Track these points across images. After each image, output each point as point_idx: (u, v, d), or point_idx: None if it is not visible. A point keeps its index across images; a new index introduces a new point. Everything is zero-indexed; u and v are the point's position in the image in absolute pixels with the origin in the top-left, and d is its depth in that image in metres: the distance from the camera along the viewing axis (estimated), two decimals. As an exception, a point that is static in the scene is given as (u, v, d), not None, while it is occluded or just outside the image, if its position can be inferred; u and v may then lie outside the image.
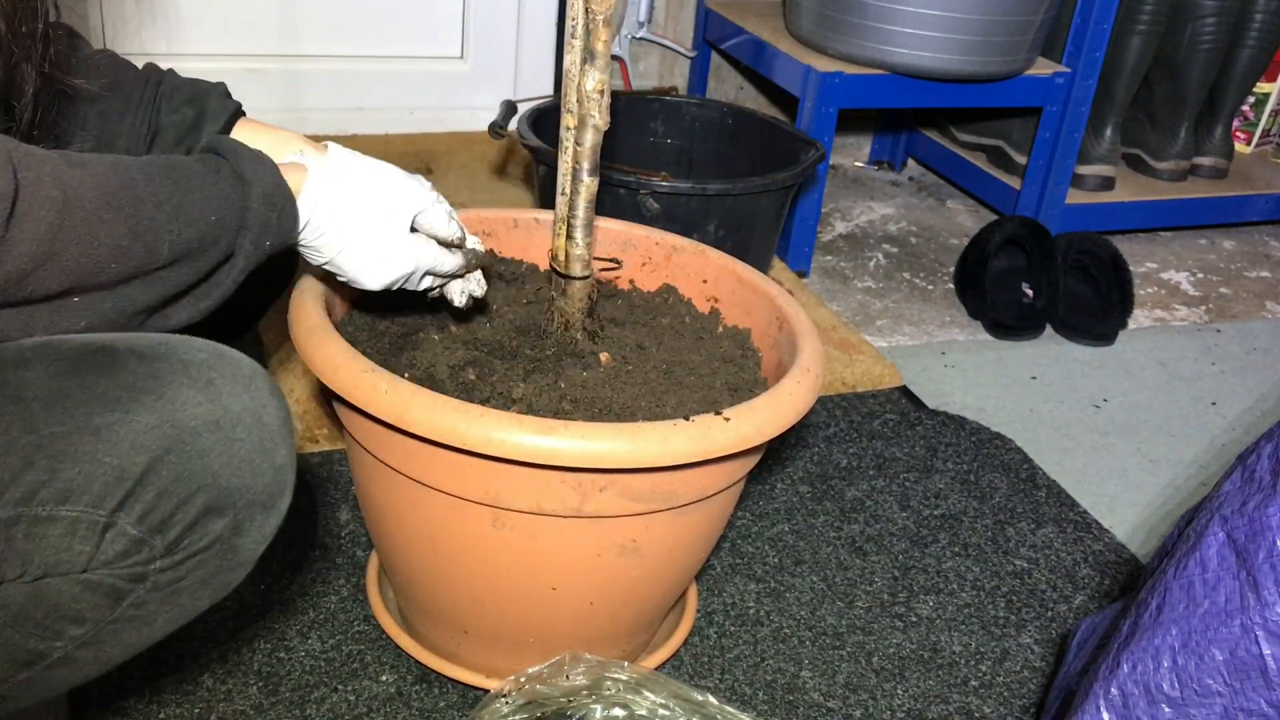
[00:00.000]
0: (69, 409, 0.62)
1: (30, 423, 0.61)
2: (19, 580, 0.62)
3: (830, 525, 1.25)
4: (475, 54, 2.16)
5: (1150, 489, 1.41)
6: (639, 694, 0.87)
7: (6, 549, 0.61)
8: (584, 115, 0.86)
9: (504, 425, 0.77)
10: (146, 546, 0.64)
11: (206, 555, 0.67)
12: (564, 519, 0.84)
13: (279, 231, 0.75)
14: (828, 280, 1.89)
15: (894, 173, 2.39)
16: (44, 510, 0.61)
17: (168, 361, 0.65)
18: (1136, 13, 1.95)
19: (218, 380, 0.66)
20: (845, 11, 1.75)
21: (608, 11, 0.82)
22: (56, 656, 0.66)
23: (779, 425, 0.85)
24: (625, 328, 1.03)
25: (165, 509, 0.64)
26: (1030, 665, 1.09)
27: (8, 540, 0.61)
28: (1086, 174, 2.06)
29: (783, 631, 1.10)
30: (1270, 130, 2.40)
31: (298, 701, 0.95)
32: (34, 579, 0.63)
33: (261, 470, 0.67)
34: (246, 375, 0.68)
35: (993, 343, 1.74)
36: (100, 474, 0.62)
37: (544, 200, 1.50)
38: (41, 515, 0.61)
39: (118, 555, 0.64)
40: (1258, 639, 0.69)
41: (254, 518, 0.68)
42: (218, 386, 0.66)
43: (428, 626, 0.98)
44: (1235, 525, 0.73)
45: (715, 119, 1.68)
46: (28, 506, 0.61)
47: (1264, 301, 2.01)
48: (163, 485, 0.63)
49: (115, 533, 0.63)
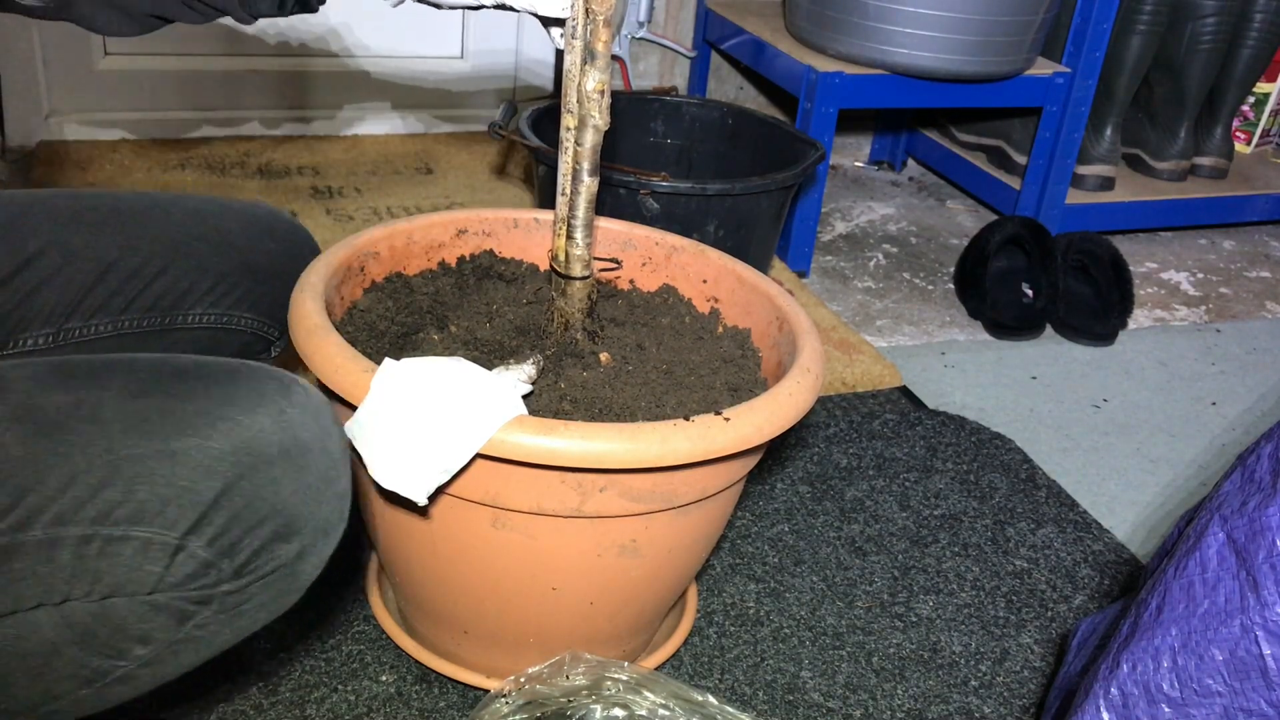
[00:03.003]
0: (147, 432, 0.63)
1: (108, 443, 0.62)
2: (85, 599, 0.63)
3: (830, 525, 1.25)
4: (475, 54, 2.16)
5: (1150, 489, 1.41)
6: (639, 694, 0.87)
7: (78, 566, 0.62)
8: (584, 115, 0.86)
9: (504, 425, 0.77)
10: (215, 570, 0.65)
11: (271, 579, 0.67)
12: (564, 519, 0.84)
13: None
14: (828, 280, 1.89)
15: (894, 173, 2.39)
16: (118, 530, 0.62)
17: (242, 388, 0.66)
18: (1136, 13, 1.95)
19: (289, 410, 0.67)
20: (845, 11, 1.75)
21: (608, 11, 0.82)
22: (118, 675, 0.67)
23: (779, 425, 0.85)
24: (625, 328, 1.03)
25: (236, 533, 0.64)
26: (1030, 665, 1.09)
27: (80, 558, 0.61)
28: (1086, 174, 2.06)
29: (783, 631, 1.10)
30: (1270, 130, 2.40)
31: (298, 701, 0.95)
32: (101, 598, 0.63)
33: (326, 498, 0.68)
34: (315, 406, 0.69)
35: (993, 343, 1.74)
36: (175, 497, 0.62)
37: (544, 200, 1.50)
38: (115, 535, 0.62)
39: (186, 577, 0.64)
40: (1258, 639, 0.69)
41: (316, 544, 0.69)
42: (289, 416, 0.67)
43: (428, 626, 0.98)
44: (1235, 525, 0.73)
45: (715, 119, 1.68)
46: (102, 525, 0.61)
47: (1264, 301, 2.01)
48: (235, 510, 0.64)
49: (186, 555, 0.63)
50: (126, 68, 1.95)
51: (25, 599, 0.62)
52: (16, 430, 0.61)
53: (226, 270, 0.94)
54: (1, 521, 0.60)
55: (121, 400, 0.64)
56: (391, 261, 1.04)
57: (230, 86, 2.01)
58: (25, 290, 0.86)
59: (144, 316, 0.91)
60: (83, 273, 0.88)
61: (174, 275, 0.92)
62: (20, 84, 1.88)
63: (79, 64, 1.92)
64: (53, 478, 0.61)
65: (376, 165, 1.99)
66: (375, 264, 1.03)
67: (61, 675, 0.65)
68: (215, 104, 2.01)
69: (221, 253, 0.94)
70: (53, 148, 1.89)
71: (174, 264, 0.92)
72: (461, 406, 0.77)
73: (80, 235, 0.89)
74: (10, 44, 1.85)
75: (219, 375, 0.67)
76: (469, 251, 1.09)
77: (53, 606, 0.63)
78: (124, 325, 0.90)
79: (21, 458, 0.61)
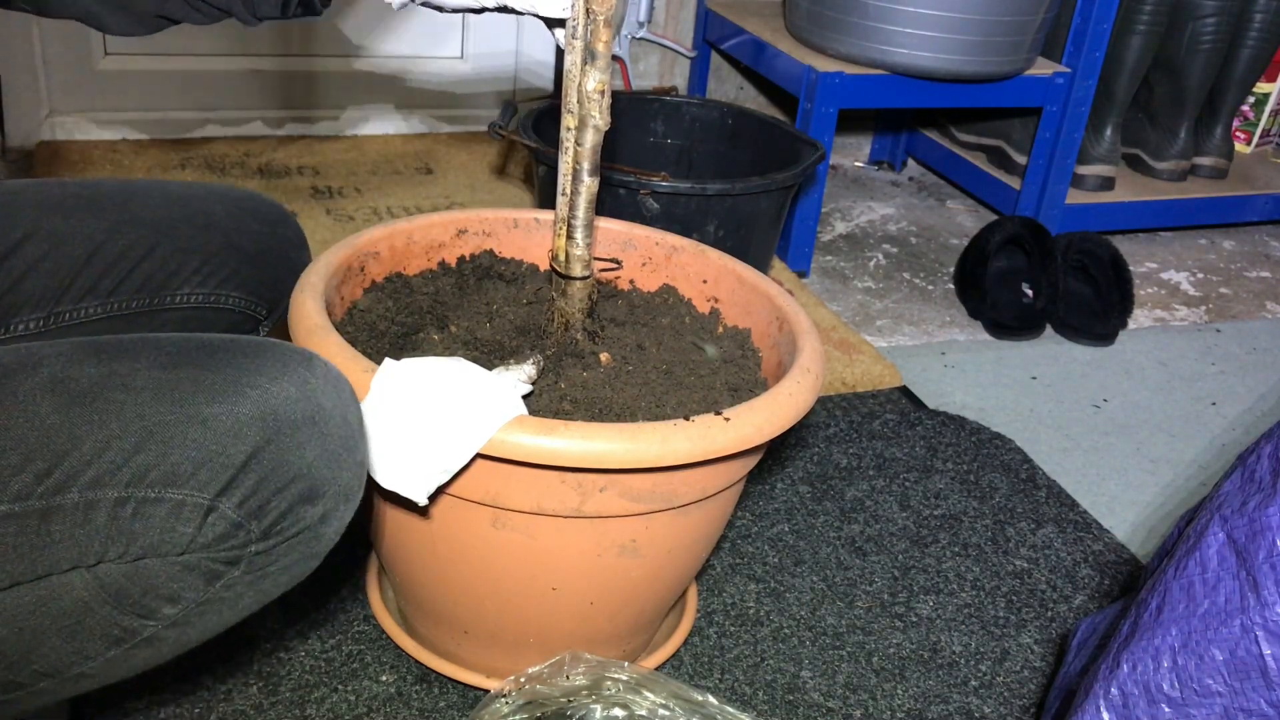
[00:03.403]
0: (178, 399, 0.66)
1: (141, 410, 0.65)
2: (119, 560, 0.65)
3: (830, 525, 1.25)
4: (476, 55, 2.16)
5: (1150, 489, 1.41)
6: (639, 694, 0.87)
7: (113, 528, 0.64)
8: (584, 115, 0.86)
9: (504, 425, 0.77)
10: (244, 531, 0.67)
11: (295, 541, 0.70)
12: (564, 519, 0.84)
13: None
14: (828, 280, 1.89)
15: (894, 173, 2.39)
16: (153, 492, 0.65)
17: (268, 360, 0.69)
18: (1136, 13, 1.95)
19: (312, 379, 0.70)
20: (845, 11, 1.75)
21: (608, 12, 0.82)
22: (145, 635, 0.70)
23: (779, 425, 0.85)
24: (625, 328, 1.03)
25: (264, 495, 0.67)
26: (1030, 665, 1.09)
27: (115, 520, 0.64)
28: (1086, 174, 2.06)
29: (783, 631, 1.10)
30: (1270, 130, 2.40)
31: (298, 701, 0.95)
32: (134, 559, 0.66)
33: (347, 464, 0.71)
34: (334, 377, 0.73)
35: (993, 343, 1.74)
36: (206, 460, 0.65)
37: (544, 200, 1.50)
38: (150, 497, 0.65)
39: (217, 538, 0.67)
40: (1258, 639, 0.69)
41: (338, 508, 0.72)
42: (313, 385, 0.70)
43: (428, 626, 0.98)
44: (1235, 525, 0.73)
45: (715, 119, 1.68)
46: (137, 488, 0.64)
47: (1264, 301, 2.01)
48: (263, 473, 0.66)
49: (217, 516, 0.66)
50: (127, 68, 1.95)
51: (61, 561, 0.64)
52: (51, 399, 0.64)
53: (213, 250, 0.96)
54: (39, 486, 0.63)
55: (152, 370, 0.67)
56: (392, 261, 1.04)
57: (231, 87, 2.01)
58: (14, 276, 0.87)
59: (133, 298, 0.92)
60: (70, 257, 0.89)
61: (161, 256, 0.93)
62: (20, 84, 1.88)
63: (79, 64, 1.92)
64: (88, 443, 0.63)
65: (376, 165, 1.99)
66: (375, 264, 1.03)
67: (93, 634, 0.68)
68: (216, 104, 2.01)
69: (207, 233, 0.96)
70: (53, 147, 1.89)
71: (160, 245, 0.93)
72: (461, 406, 0.77)
73: (66, 221, 0.90)
74: (10, 44, 1.85)
75: (245, 349, 0.70)
76: (469, 251, 1.09)
77: (86, 569, 0.65)
78: (114, 307, 0.91)
79: (57, 425, 0.63)
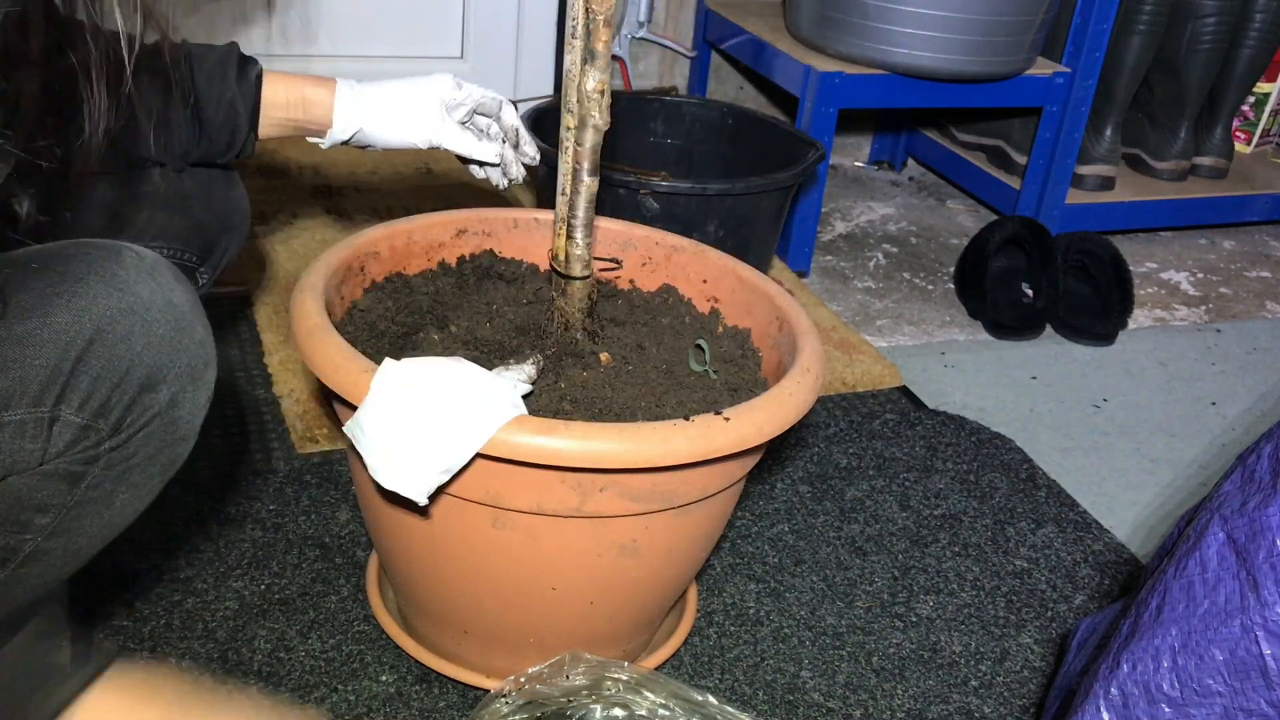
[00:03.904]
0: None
1: None
2: None
3: (830, 525, 1.25)
4: (475, 54, 2.15)
5: (1150, 489, 1.41)
6: (639, 694, 0.87)
7: None
8: (584, 115, 0.86)
9: (504, 425, 0.77)
10: (93, 431, 0.69)
11: (150, 430, 0.71)
12: (564, 519, 0.84)
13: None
14: (828, 280, 1.89)
15: (894, 173, 2.39)
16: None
17: (71, 265, 0.70)
18: (1136, 13, 1.95)
19: (121, 273, 0.70)
20: (845, 11, 1.75)
21: (608, 11, 0.82)
22: (28, 550, 0.71)
23: (779, 425, 0.85)
24: (625, 328, 1.03)
25: (102, 393, 0.68)
26: (1030, 665, 1.09)
27: None
28: (1086, 174, 2.06)
29: (783, 631, 1.10)
30: (1270, 130, 2.40)
31: (297, 701, 0.95)
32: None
33: (183, 346, 0.72)
34: (149, 265, 0.72)
35: (993, 343, 1.74)
36: (33, 376, 0.66)
37: (544, 200, 1.50)
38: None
39: (68, 444, 0.68)
40: (1258, 639, 0.69)
41: (185, 390, 0.73)
42: (123, 278, 0.70)
43: (428, 626, 0.98)
44: (1235, 525, 0.73)
45: (715, 119, 1.68)
46: None
47: (1264, 301, 2.01)
48: (95, 373, 0.68)
49: (61, 425, 0.67)
50: (126, 68, 1.95)
51: None
52: None
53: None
54: None
55: None
56: (392, 261, 1.04)
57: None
58: None
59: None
60: None
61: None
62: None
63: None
64: None
65: (377, 165, 1.99)
66: (375, 264, 1.03)
67: None
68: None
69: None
70: (53, 148, 1.89)
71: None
72: (462, 406, 0.77)
73: None
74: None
75: (48, 260, 0.70)
76: (469, 251, 1.09)
77: None
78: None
79: None
